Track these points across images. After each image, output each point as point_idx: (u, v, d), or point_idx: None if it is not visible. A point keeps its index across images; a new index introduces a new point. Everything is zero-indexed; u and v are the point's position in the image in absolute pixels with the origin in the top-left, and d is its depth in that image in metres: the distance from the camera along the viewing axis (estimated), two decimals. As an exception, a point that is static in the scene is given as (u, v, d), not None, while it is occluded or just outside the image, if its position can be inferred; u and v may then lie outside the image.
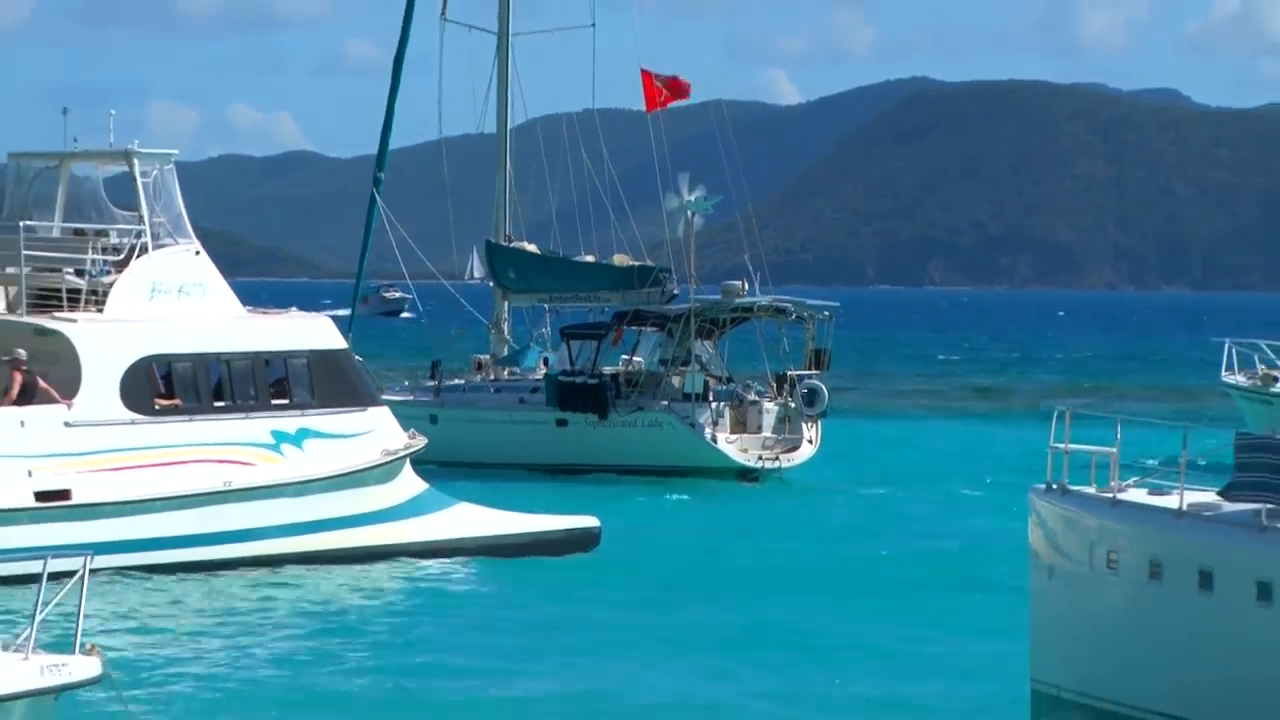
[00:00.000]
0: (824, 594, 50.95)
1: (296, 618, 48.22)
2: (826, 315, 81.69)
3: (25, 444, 50.03)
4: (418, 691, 39.70)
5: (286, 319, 57.77)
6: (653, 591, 51.72)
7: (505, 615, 49.11)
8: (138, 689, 37.54)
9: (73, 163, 55.71)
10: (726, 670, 41.30)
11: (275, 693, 39.87)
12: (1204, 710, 33.09)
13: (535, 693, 39.21)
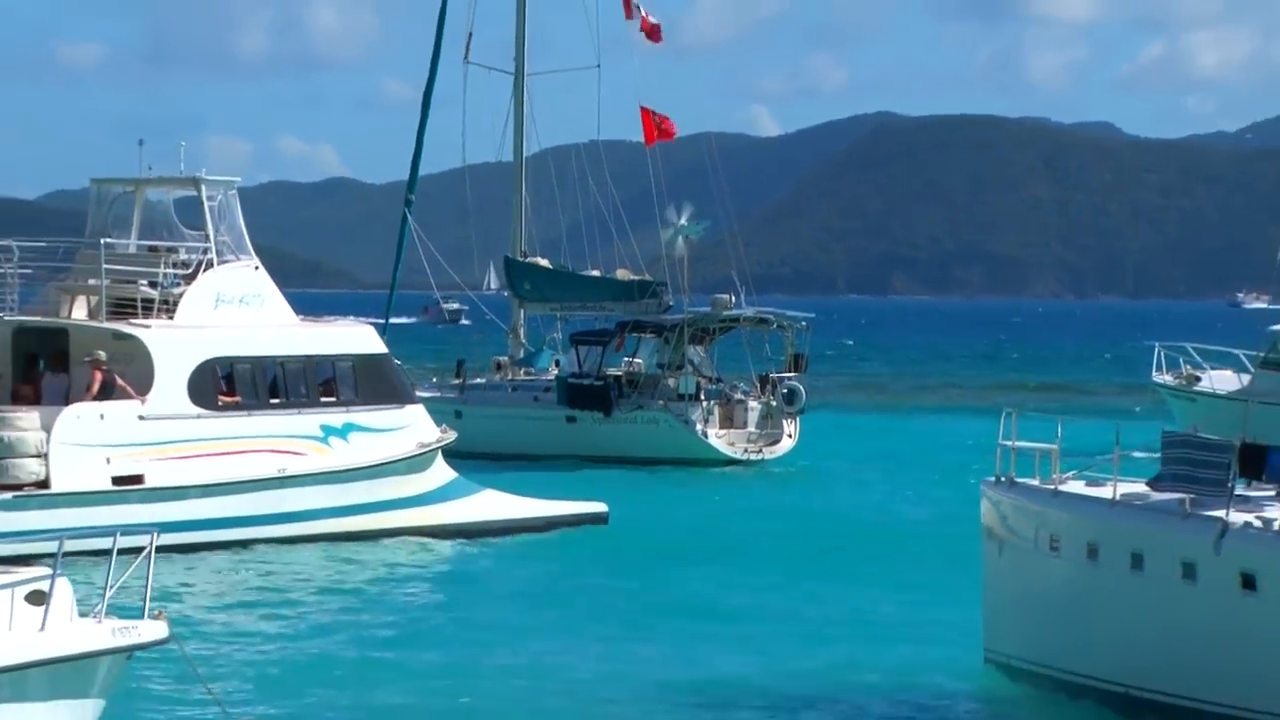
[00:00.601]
0: (802, 570, 50.84)
1: (340, 589, 48.32)
2: (803, 325, 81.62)
3: (104, 435, 49.98)
4: (446, 654, 39.74)
5: (334, 326, 58.03)
6: (653, 567, 51.69)
7: (525, 588, 49.25)
8: (202, 650, 37.40)
9: (147, 188, 55.71)
10: (713, 635, 41.29)
11: (322, 654, 39.95)
12: (1138, 676, 33.23)
13: (552, 653, 39.23)
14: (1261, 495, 32.33)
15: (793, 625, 43.09)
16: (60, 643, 27.68)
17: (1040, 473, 36.34)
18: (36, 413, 49.56)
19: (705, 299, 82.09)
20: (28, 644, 27.20)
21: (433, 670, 38.38)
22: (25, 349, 52.39)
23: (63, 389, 51.11)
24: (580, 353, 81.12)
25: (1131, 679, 33.32)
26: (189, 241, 54.77)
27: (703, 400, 77.15)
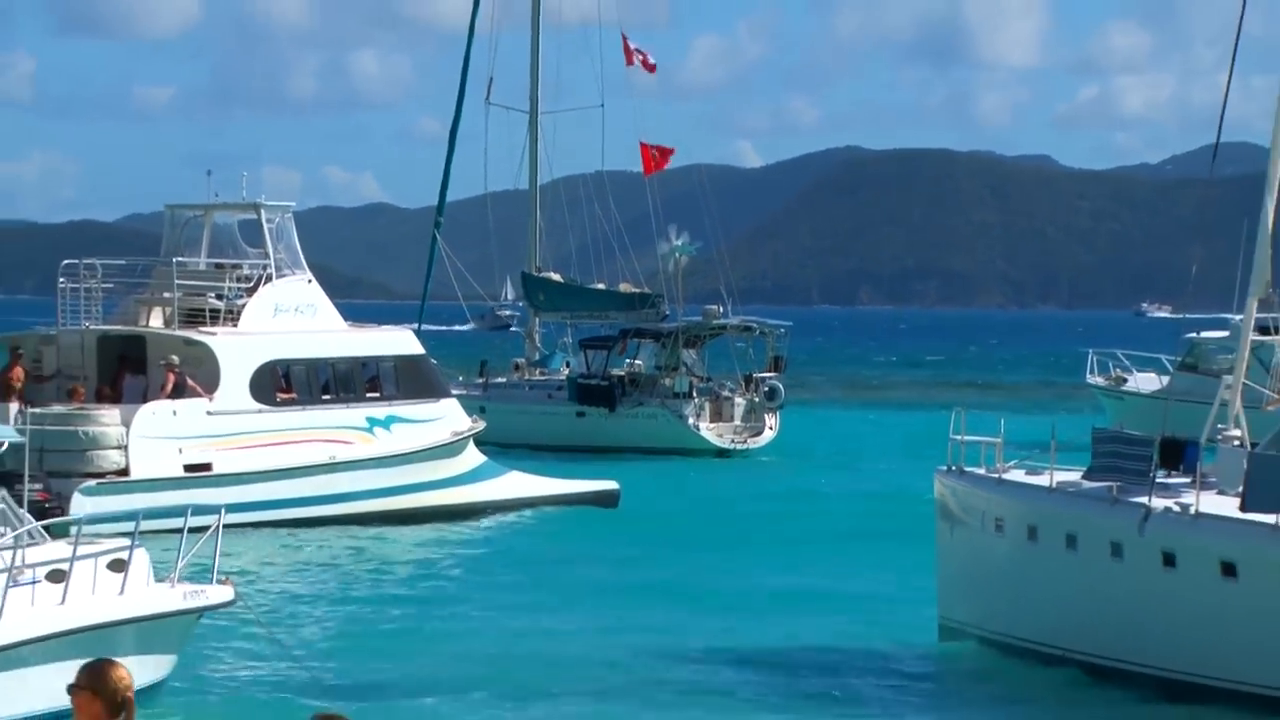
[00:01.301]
0: (780, 544, 51.12)
1: (384, 560, 48.59)
2: (782, 331, 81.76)
3: (177, 428, 49.95)
4: (478, 615, 40.07)
5: (378, 331, 58.05)
6: (656, 538, 52.12)
7: (548, 555, 49.61)
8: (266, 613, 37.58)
9: (215, 213, 55.67)
10: (704, 600, 41.46)
11: (369, 615, 40.33)
12: (1073, 640, 33.35)
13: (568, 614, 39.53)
14: (1179, 483, 32.25)
15: (772, 591, 43.19)
16: (136, 604, 27.92)
17: (986, 462, 36.39)
18: (117, 410, 49.40)
19: (697, 309, 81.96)
20: (108, 605, 27.52)
21: (465, 629, 38.69)
22: (108, 354, 52.31)
23: (140, 389, 51.07)
24: (588, 356, 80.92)
25: (1067, 643, 33.45)
26: (251, 259, 54.77)
27: (695, 397, 76.94)
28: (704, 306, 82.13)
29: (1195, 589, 30.76)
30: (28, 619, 26.38)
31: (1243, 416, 34.84)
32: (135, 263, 55.90)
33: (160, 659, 28.52)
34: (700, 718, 31.20)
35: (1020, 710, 31.92)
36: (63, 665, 26.56)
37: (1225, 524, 30.57)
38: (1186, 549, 30.99)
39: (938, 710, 32.94)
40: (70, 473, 47.13)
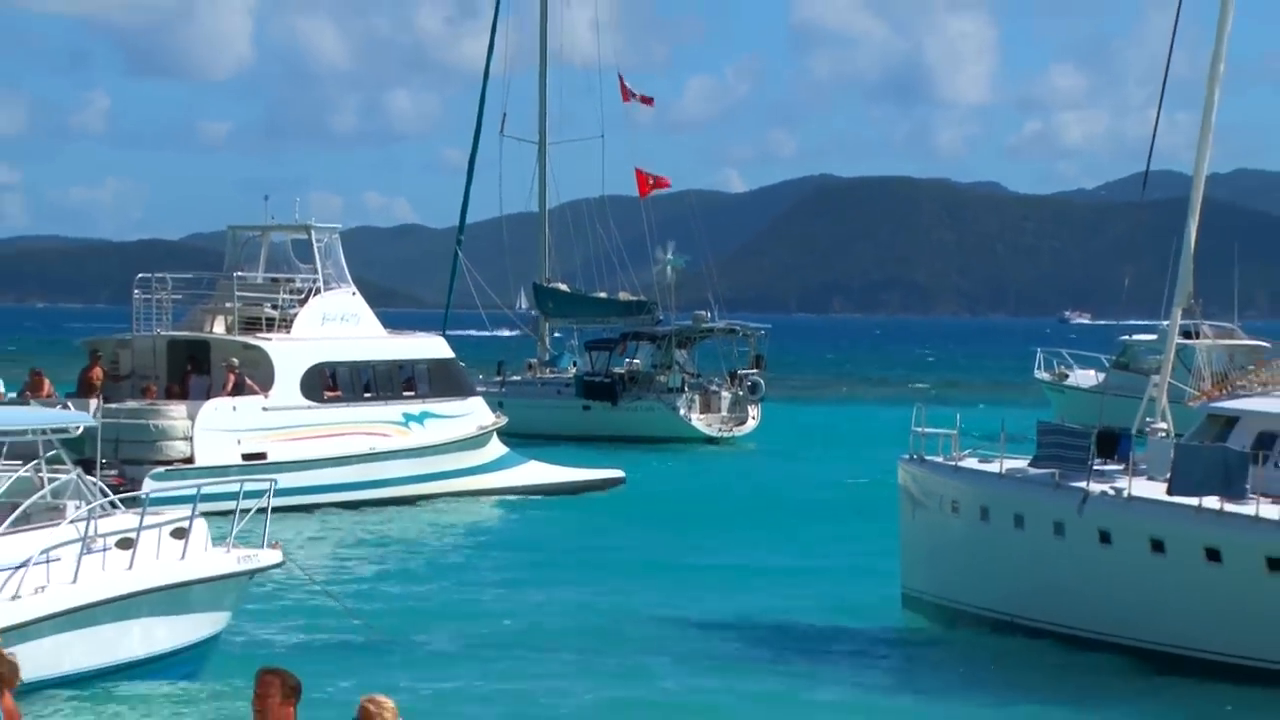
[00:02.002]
0: (760, 522, 51.12)
1: (418, 537, 48.62)
2: (762, 333, 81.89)
3: (236, 421, 50.00)
4: (499, 585, 40.02)
5: (412, 337, 57.99)
6: (655, 517, 52.20)
7: (565, 531, 49.76)
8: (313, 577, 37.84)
9: (271, 233, 55.58)
10: (697, 572, 41.43)
11: (403, 582, 40.42)
12: (1020, 607, 33.43)
13: (579, 586, 39.43)
14: (1114, 470, 32.29)
15: (755, 563, 43.23)
16: (195, 567, 27.90)
17: (944, 451, 36.34)
18: (184, 406, 49.48)
19: (688, 315, 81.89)
20: (170, 569, 27.51)
21: (490, 595, 38.79)
22: (176, 357, 52.40)
23: (204, 387, 51.15)
24: (592, 356, 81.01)
25: (1014, 610, 33.50)
26: (302, 274, 54.79)
27: (686, 392, 76.94)
28: (694, 312, 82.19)
29: (1128, 563, 30.86)
30: (99, 581, 26.38)
31: (1169, 411, 34.90)
32: (200, 277, 55.97)
33: (216, 615, 28.54)
34: (691, 674, 31.09)
35: (972, 668, 31.66)
36: (130, 622, 26.83)
37: (1154, 506, 30.65)
38: (1120, 528, 31.10)
39: (900, 668, 32.82)
40: (142, 461, 47.10)
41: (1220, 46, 35.50)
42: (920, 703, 29.56)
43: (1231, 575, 29.13)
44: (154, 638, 27.08)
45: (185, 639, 27.62)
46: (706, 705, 29.02)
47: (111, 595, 26.43)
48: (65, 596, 25.74)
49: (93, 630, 26.14)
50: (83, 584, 26.03)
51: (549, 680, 30.00)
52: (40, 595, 25.42)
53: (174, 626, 27.53)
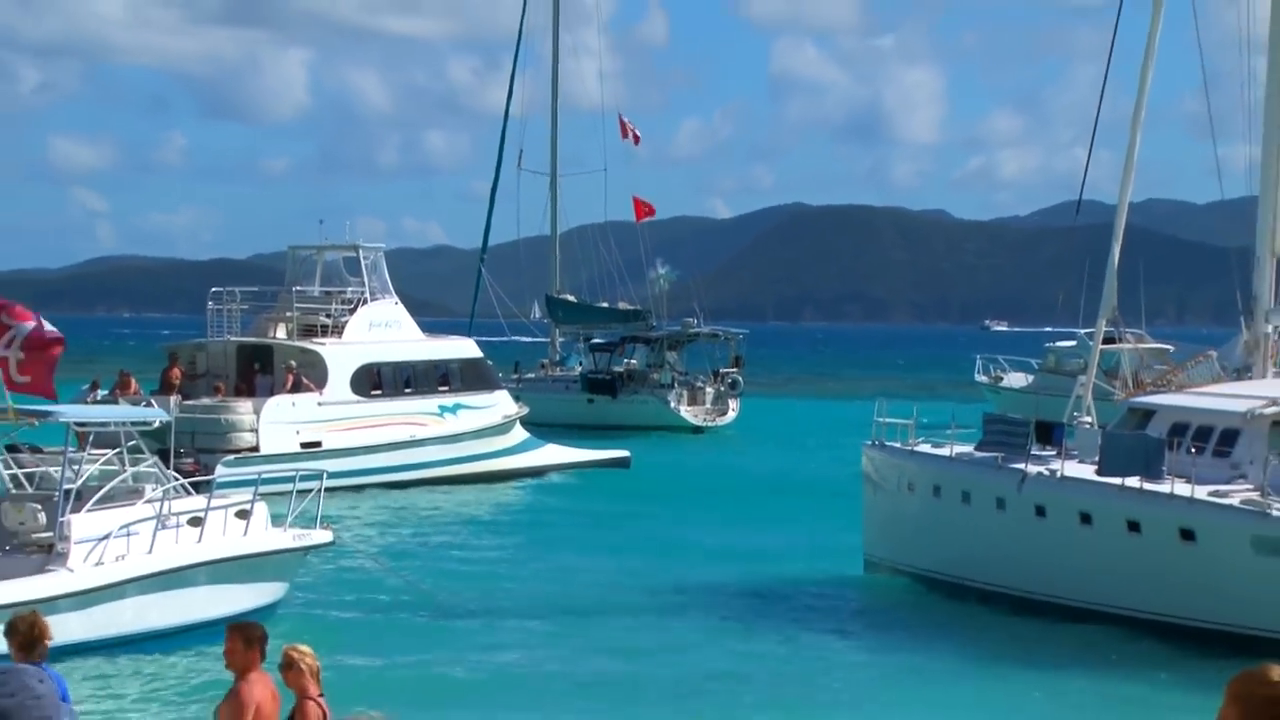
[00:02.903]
0: (740, 498, 50.88)
1: (453, 512, 48.21)
2: (741, 338, 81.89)
3: (295, 415, 49.74)
4: (526, 550, 39.87)
5: (446, 340, 57.73)
6: (653, 493, 51.99)
7: (581, 504, 49.49)
8: (363, 548, 37.64)
9: (326, 252, 55.49)
10: (689, 544, 41.06)
11: (442, 550, 40.11)
12: (966, 571, 33.29)
13: (587, 552, 39.21)
14: (1048, 455, 32.28)
15: (737, 533, 42.99)
16: (256, 543, 27.79)
17: (901, 438, 36.34)
18: (250, 402, 49.33)
19: (677, 322, 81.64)
20: (233, 543, 27.38)
21: (519, 558, 38.71)
22: (244, 359, 52.26)
23: (268, 385, 50.97)
24: (595, 357, 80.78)
25: (962, 573, 33.38)
26: (352, 287, 54.63)
27: (676, 387, 76.70)
28: (683, 320, 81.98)
29: (1060, 534, 30.75)
30: (171, 552, 26.27)
31: (1093, 406, 34.85)
32: (264, 290, 56.00)
33: (275, 585, 28.40)
34: (681, 625, 31.06)
35: (923, 621, 31.63)
36: (199, 589, 26.72)
37: (1084, 485, 30.58)
38: (1054, 503, 31.03)
39: (863, 619, 32.71)
40: (214, 449, 46.88)
41: (1142, 97, 35.59)
42: (879, 648, 29.60)
43: (1149, 544, 29.05)
44: (219, 602, 26.84)
45: (247, 604, 27.35)
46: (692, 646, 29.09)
47: (181, 564, 26.31)
48: (141, 564, 25.62)
49: (167, 594, 26.00)
50: (157, 554, 25.91)
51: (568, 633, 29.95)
52: (120, 563, 25.32)
53: (237, 593, 27.34)
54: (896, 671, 27.50)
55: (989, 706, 25.08)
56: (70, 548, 24.69)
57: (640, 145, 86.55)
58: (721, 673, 27.00)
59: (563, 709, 24.46)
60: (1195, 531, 28.27)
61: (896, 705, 25.25)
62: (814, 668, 27.69)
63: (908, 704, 25.27)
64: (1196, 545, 28.25)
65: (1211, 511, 28.10)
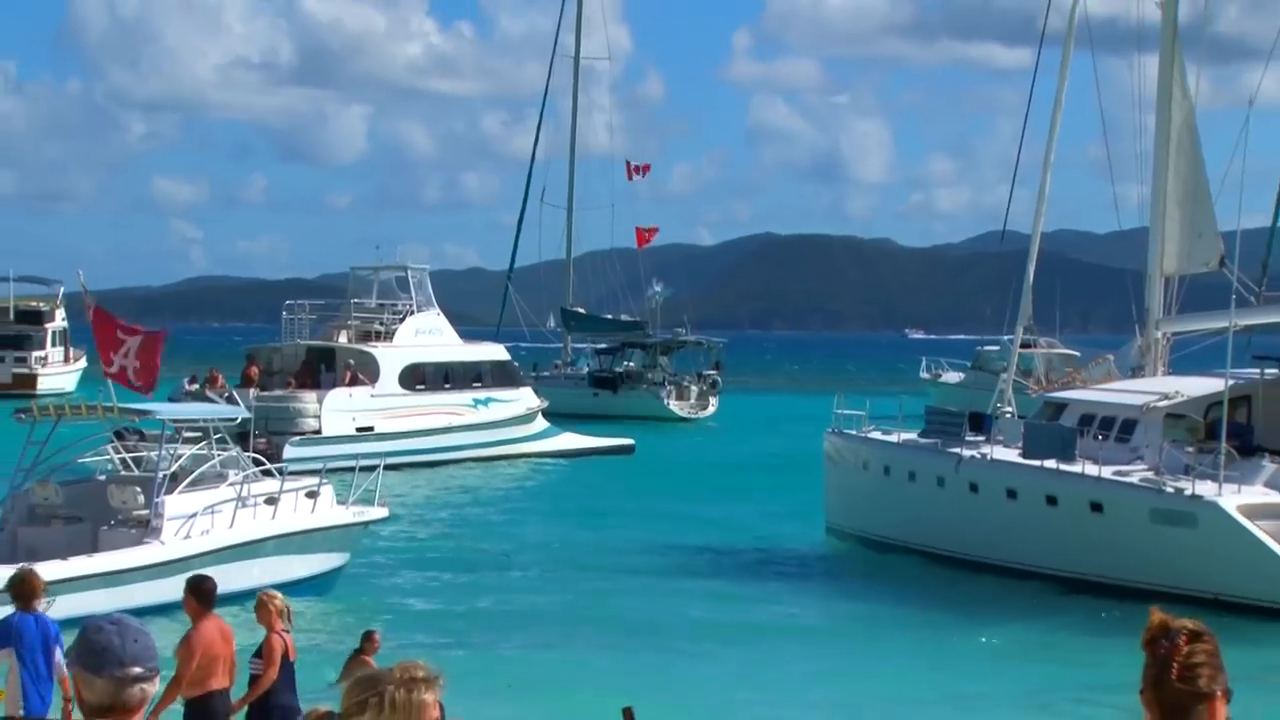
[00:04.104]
0: (721, 478, 50.09)
1: (484, 488, 47.66)
2: (720, 345, 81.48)
3: (352, 405, 49.45)
4: (548, 523, 39.26)
5: (479, 345, 57.29)
6: (657, 469, 52.04)
7: (591, 481, 48.96)
8: (412, 516, 37.37)
9: (381, 272, 55.31)
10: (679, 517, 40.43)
11: (478, 521, 39.63)
12: (911, 537, 32.94)
13: (596, 525, 38.68)
14: (979, 440, 32.03)
15: (720, 505, 42.52)
16: (321, 518, 27.46)
17: (856, 426, 36.15)
18: (315, 394, 49.05)
19: (669, 331, 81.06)
20: (302, 519, 27.01)
21: (541, 529, 38.09)
22: (311, 359, 51.80)
23: (331, 380, 50.58)
24: (600, 359, 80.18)
25: (907, 538, 33.04)
26: (401, 300, 54.31)
27: (666, 385, 76.03)
28: (673, 329, 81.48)
29: (990, 507, 30.47)
30: (249, 527, 25.92)
31: (1013, 399, 34.64)
32: (330, 303, 55.81)
33: (339, 554, 28.08)
34: (672, 577, 30.79)
35: (876, 576, 31.33)
36: (274, 559, 26.35)
37: (1010, 466, 30.33)
38: (985, 481, 30.77)
39: (824, 574, 32.42)
40: (284, 432, 46.57)
41: (1051, 144, 35.61)
42: (837, 598, 29.48)
43: (1065, 515, 28.86)
44: (292, 568, 26.52)
45: (315, 570, 27.10)
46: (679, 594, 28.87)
47: (257, 537, 25.96)
48: (222, 537, 25.27)
49: (245, 562, 25.57)
50: (236, 529, 25.58)
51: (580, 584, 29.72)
52: (204, 536, 24.97)
53: (307, 561, 27.00)
54: (851, 617, 27.38)
55: (929, 647, 24.86)
56: (164, 523, 24.41)
57: (644, 178, 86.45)
58: (704, 616, 26.86)
59: (575, 644, 24.28)
60: (1103, 504, 28.11)
61: (850, 645, 25.15)
62: (783, 613, 27.51)
63: (860, 644, 25.15)
64: (1104, 516, 28.08)
65: (1116, 488, 27.92)
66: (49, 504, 24.77)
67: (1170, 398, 30.01)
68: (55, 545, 23.80)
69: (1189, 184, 34.01)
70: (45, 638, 12.53)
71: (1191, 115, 34.00)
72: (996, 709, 21.02)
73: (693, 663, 23.17)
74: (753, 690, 21.50)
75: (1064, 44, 34.68)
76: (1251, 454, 27.98)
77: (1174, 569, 26.31)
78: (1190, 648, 4.12)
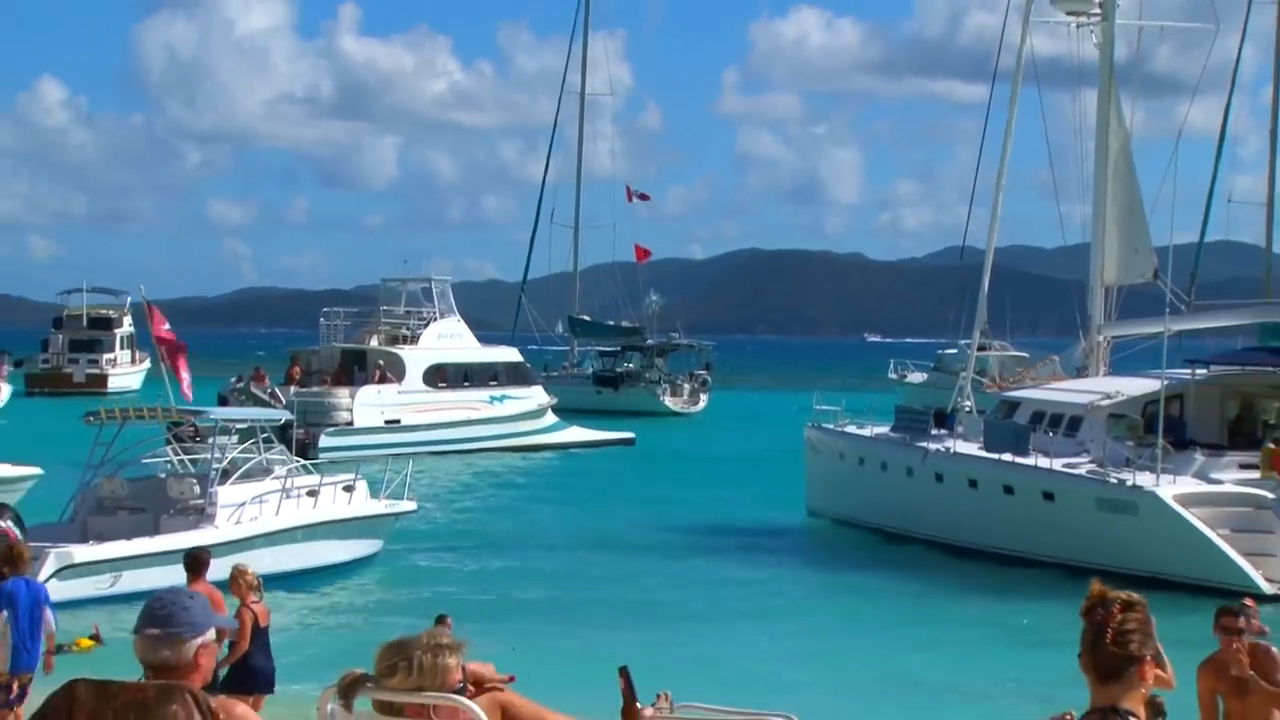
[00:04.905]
0: (713, 464, 50.05)
1: (500, 475, 47.16)
2: (710, 347, 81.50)
3: (381, 400, 49.23)
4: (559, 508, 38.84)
5: (496, 349, 57.02)
6: (655, 459, 51.65)
7: (596, 469, 48.61)
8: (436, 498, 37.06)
9: (408, 283, 55.07)
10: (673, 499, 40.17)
11: (495, 502, 39.51)
12: (883, 520, 32.68)
13: (601, 507, 38.39)
14: (943, 435, 31.87)
15: (711, 488, 42.33)
16: (357, 509, 27.28)
17: (833, 421, 35.93)
18: (348, 390, 48.89)
19: (664, 335, 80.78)
20: (338, 509, 26.80)
21: (552, 511, 37.73)
22: (346, 360, 51.56)
23: (363, 379, 50.38)
24: (603, 360, 79.83)
25: (880, 521, 32.77)
26: (426, 308, 54.03)
27: (661, 383, 75.73)
28: (668, 334, 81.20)
29: (953, 494, 30.24)
30: (292, 515, 25.71)
31: (972, 396, 34.43)
32: (363, 310, 55.44)
33: (372, 542, 27.90)
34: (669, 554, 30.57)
35: (851, 555, 31.08)
36: (312, 543, 26.12)
37: (970, 458, 30.11)
38: (949, 471, 30.52)
39: (804, 551, 32.28)
40: (321, 424, 46.35)
41: (1003, 169, 35.42)
42: (816, 571, 29.47)
43: (1020, 502, 28.61)
44: (330, 553, 26.37)
45: (351, 555, 26.90)
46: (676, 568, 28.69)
47: (297, 524, 25.74)
48: (268, 524, 25.11)
49: (287, 546, 25.44)
50: (281, 517, 25.42)
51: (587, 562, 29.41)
52: (252, 522, 24.84)
53: (343, 547, 26.79)
54: (828, 588, 27.41)
55: (896, 614, 24.84)
56: (216, 511, 24.37)
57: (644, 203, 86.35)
58: (699, 588, 26.74)
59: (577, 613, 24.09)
60: (1054, 493, 27.92)
61: (827, 611, 25.22)
62: (768, 585, 27.47)
63: (836, 611, 25.20)
64: (1055, 504, 27.90)
65: (1065, 479, 27.74)
66: (115, 496, 24.80)
67: (1112, 397, 29.95)
68: (120, 533, 23.85)
69: (1125, 204, 34.09)
70: (35, 601, 12.63)
71: (1127, 143, 34.15)
72: (954, 663, 20.98)
73: (683, 627, 23.02)
74: (737, 649, 21.48)
75: (1013, 80, 34.60)
76: (1185, 448, 27.93)
77: (1117, 551, 26.12)
78: (1123, 616, 4.18)
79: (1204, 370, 29.98)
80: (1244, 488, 26.48)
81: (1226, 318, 34.50)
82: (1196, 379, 29.67)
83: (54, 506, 25.21)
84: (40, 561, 21.36)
